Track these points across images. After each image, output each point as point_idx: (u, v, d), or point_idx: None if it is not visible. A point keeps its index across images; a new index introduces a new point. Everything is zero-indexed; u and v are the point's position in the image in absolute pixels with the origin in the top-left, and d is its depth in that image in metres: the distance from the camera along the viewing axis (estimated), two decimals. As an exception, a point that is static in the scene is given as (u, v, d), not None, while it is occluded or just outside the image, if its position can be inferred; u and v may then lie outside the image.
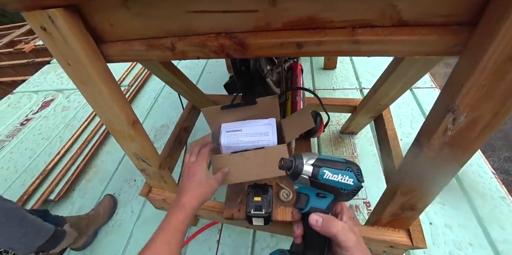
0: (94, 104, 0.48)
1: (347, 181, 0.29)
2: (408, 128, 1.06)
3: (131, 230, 0.91)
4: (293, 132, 0.48)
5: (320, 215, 0.28)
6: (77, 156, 1.20)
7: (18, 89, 1.97)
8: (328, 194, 0.29)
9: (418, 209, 0.43)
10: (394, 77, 0.58)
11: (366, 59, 1.49)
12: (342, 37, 0.33)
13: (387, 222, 0.49)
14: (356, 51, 0.35)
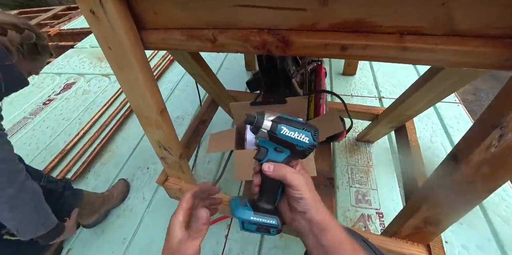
0: (127, 89, 0.49)
1: (303, 139, 0.31)
2: (427, 141, 1.03)
3: (142, 216, 0.93)
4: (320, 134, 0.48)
5: (272, 163, 0.32)
6: (94, 139, 1.24)
7: (43, 70, 2.04)
8: (285, 150, 0.32)
9: (442, 226, 0.42)
10: (427, 88, 0.56)
11: (388, 68, 1.46)
12: (389, 43, 0.33)
13: (407, 235, 0.48)
14: (401, 58, 0.34)
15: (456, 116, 1.11)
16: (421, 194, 0.44)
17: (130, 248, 0.86)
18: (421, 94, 0.58)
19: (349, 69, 1.45)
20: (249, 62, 1.56)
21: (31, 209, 0.57)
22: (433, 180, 0.42)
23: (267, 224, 0.33)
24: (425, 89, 0.57)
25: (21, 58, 0.58)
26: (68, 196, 0.76)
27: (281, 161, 0.33)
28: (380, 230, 0.77)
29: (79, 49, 2.23)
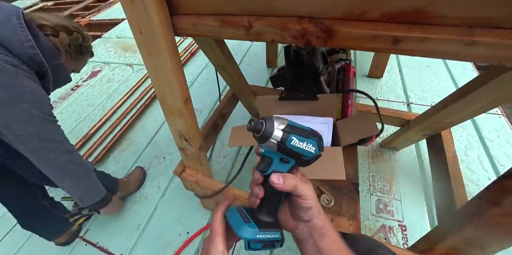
0: (154, 75, 0.48)
1: (310, 149, 0.30)
2: (461, 154, 0.94)
3: (156, 205, 0.94)
4: (351, 135, 0.44)
5: (280, 174, 0.30)
6: (115, 126, 1.27)
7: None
8: (291, 160, 0.30)
9: (489, 250, 0.37)
10: (476, 95, 0.50)
11: (418, 72, 1.37)
12: (453, 36, 0.28)
13: (441, 254, 0.43)
14: (465, 54, 0.30)
15: (497, 128, 1.01)
16: (466, 212, 0.39)
17: (144, 234, 0.87)
18: (468, 101, 0.52)
19: (376, 71, 1.37)
20: (271, 59, 1.52)
21: (89, 181, 0.68)
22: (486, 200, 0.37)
23: (272, 239, 0.30)
24: (475, 95, 0.51)
25: (68, 57, 0.64)
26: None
27: (285, 171, 0.31)
28: (402, 244, 0.71)
29: (106, 39, 2.31)
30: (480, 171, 0.88)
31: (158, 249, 0.83)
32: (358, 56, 1.56)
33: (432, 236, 0.49)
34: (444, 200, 0.58)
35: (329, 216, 0.53)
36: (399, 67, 1.42)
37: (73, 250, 0.88)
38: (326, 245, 0.29)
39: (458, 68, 1.35)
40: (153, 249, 0.83)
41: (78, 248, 0.88)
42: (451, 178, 0.58)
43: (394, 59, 1.47)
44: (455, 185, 0.56)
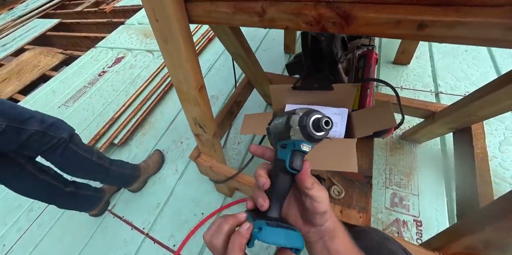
0: (170, 63, 0.49)
1: None
2: (495, 150, 0.87)
3: (173, 186, 1.01)
4: (367, 127, 0.42)
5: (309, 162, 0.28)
6: (137, 110, 1.34)
7: (99, 44, 2.23)
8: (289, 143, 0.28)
9: (511, 252, 0.35)
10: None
11: (453, 58, 1.22)
12: (493, 19, 0.25)
13: (455, 253, 0.42)
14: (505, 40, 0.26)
15: (541, 122, 0.91)
16: (490, 212, 0.37)
17: (163, 212, 0.95)
18: (509, 91, 0.46)
19: (403, 57, 1.25)
20: (289, 45, 1.46)
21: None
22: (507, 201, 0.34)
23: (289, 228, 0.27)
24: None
25: None
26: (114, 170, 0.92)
27: (288, 157, 0.28)
28: (416, 239, 0.70)
29: (128, 26, 2.36)
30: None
31: (175, 226, 0.90)
32: (384, 41, 1.43)
33: (448, 234, 0.47)
34: (467, 197, 0.55)
35: (339, 207, 0.53)
36: (430, 52, 1.29)
37: (103, 221, 0.99)
38: (337, 247, 0.28)
39: (505, 52, 1.19)
40: (171, 225, 0.91)
41: (107, 219, 0.99)
42: (477, 175, 0.54)
43: (425, 44, 1.33)
44: (481, 182, 0.53)
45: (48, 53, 2.50)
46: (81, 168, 0.81)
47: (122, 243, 0.91)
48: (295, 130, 0.25)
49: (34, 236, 1.02)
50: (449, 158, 0.87)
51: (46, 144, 0.68)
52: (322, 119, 0.24)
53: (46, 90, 1.82)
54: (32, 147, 0.66)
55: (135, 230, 0.93)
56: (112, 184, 0.99)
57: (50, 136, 0.68)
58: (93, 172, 0.85)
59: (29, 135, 0.63)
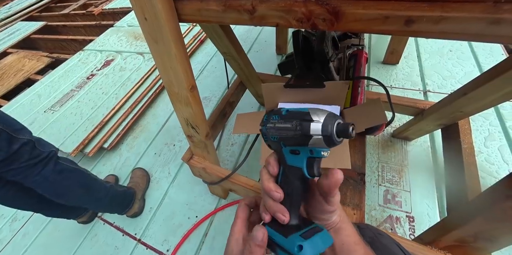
0: (160, 63, 0.48)
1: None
2: (481, 145, 0.89)
3: (166, 189, 0.99)
4: (358, 124, 0.43)
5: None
6: (128, 113, 1.31)
7: (87, 47, 2.18)
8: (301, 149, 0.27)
9: (498, 243, 0.36)
10: (506, 79, 0.46)
11: (439, 58, 1.27)
12: (475, 14, 0.26)
13: (447, 246, 0.43)
14: (487, 35, 0.27)
15: (522, 119, 0.94)
16: (478, 204, 0.37)
17: (155, 217, 0.93)
18: (494, 85, 0.48)
19: (392, 57, 1.29)
20: (281, 46, 1.48)
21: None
22: (500, 192, 0.35)
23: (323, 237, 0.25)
24: (503, 79, 0.47)
25: None
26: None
27: (304, 164, 0.27)
28: (409, 235, 0.71)
29: (118, 28, 2.33)
30: (499, 163, 0.84)
31: (169, 230, 0.88)
32: (373, 41, 1.47)
33: (439, 228, 0.48)
34: (455, 191, 0.56)
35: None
36: (418, 52, 1.33)
37: (93, 228, 0.95)
38: (342, 239, 0.28)
39: (486, 52, 1.24)
40: (164, 230, 0.88)
41: (97, 226, 0.95)
42: (465, 170, 0.55)
43: (412, 44, 1.38)
44: (469, 177, 0.54)
45: (33, 56, 2.43)
46: (79, 184, 0.73)
47: (113, 250, 0.88)
48: (317, 139, 0.23)
49: (18, 246, 0.97)
50: (439, 154, 0.89)
51: (35, 157, 0.62)
52: (348, 126, 0.23)
53: (31, 95, 1.76)
54: (22, 158, 0.60)
55: (126, 236, 0.90)
56: (111, 207, 0.87)
57: (39, 150, 0.63)
58: (92, 189, 0.77)
59: (21, 144, 0.59)
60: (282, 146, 0.27)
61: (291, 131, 0.25)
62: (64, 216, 0.86)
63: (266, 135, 0.28)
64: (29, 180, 0.62)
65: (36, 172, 0.62)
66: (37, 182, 0.63)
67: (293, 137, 0.25)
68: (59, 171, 0.67)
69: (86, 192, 0.75)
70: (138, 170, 1.05)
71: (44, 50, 2.72)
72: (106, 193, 0.81)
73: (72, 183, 0.71)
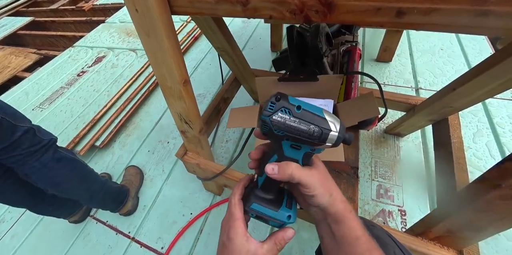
0: (152, 57, 0.48)
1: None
2: (469, 141, 0.92)
3: (160, 187, 0.98)
4: (351, 118, 0.43)
5: (275, 164, 0.28)
6: (120, 111, 1.29)
7: (77, 43, 2.13)
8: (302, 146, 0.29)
9: (487, 232, 0.37)
10: (492, 74, 0.47)
11: (430, 56, 1.30)
12: (463, 6, 0.26)
13: (436, 236, 0.44)
14: (474, 27, 0.27)
15: (510, 115, 0.97)
16: (466, 195, 0.38)
17: (149, 215, 0.92)
18: (482, 81, 0.49)
19: (385, 55, 1.31)
20: (275, 43, 1.48)
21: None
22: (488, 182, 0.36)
23: (265, 214, 0.30)
24: (490, 74, 0.48)
25: None
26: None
27: (300, 158, 0.30)
28: (401, 228, 0.73)
29: (109, 24, 2.28)
30: (487, 158, 0.86)
31: (163, 228, 0.87)
32: (367, 39, 1.49)
33: (429, 219, 0.49)
34: (445, 183, 0.57)
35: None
36: (410, 50, 1.35)
37: (85, 227, 0.93)
38: (342, 231, 0.27)
39: (475, 51, 1.27)
40: (158, 228, 0.88)
41: (90, 225, 0.94)
42: (454, 163, 0.57)
43: (405, 42, 1.40)
44: (458, 169, 0.55)
45: (20, 53, 2.35)
46: (76, 173, 0.72)
47: (106, 249, 0.86)
48: (326, 145, 0.26)
49: (7, 248, 0.94)
50: (430, 150, 0.91)
51: (36, 145, 0.62)
52: (353, 137, 0.27)
53: (18, 92, 1.71)
54: (23, 145, 0.60)
55: (120, 234, 0.89)
56: (104, 203, 0.85)
57: (39, 138, 0.63)
58: (88, 181, 0.76)
59: (23, 131, 0.59)
60: (284, 139, 0.27)
61: (305, 133, 0.25)
62: (56, 214, 0.84)
63: (268, 126, 0.27)
64: (27, 166, 0.62)
65: (35, 159, 0.62)
66: (35, 168, 0.63)
67: (305, 139, 0.26)
68: (57, 159, 0.67)
69: (82, 183, 0.74)
70: (131, 168, 1.03)
71: (32, 46, 2.64)
72: (101, 186, 0.80)
73: (69, 172, 0.71)
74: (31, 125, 0.63)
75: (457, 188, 0.52)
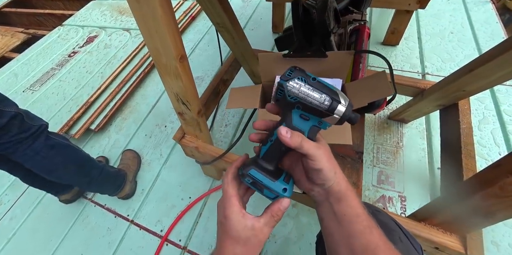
0: (144, 28, 0.43)
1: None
2: (474, 128, 0.89)
3: (159, 171, 0.97)
4: (361, 98, 0.40)
5: (289, 129, 0.28)
6: (115, 94, 1.24)
7: (67, 22, 2.00)
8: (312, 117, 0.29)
9: (495, 218, 0.36)
10: (507, 58, 0.43)
11: (439, 39, 1.23)
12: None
13: (440, 222, 0.43)
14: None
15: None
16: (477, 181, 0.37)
17: (148, 199, 0.91)
18: (502, 61, 0.45)
19: (392, 38, 1.24)
20: (277, 24, 1.40)
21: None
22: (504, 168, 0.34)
23: (261, 182, 0.30)
24: (507, 57, 0.45)
25: None
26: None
27: (307, 129, 0.30)
28: (400, 213, 0.73)
29: (100, 1, 2.14)
30: (491, 146, 0.85)
31: (162, 211, 0.87)
32: (374, 21, 1.41)
33: (433, 206, 0.48)
34: (451, 170, 0.56)
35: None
36: (419, 33, 1.29)
37: (84, 210, 0.93)
38: (343, 209, 0.28)
39: (487, 35, 1.21)
40: (157, 211, 0.87)
41: (88, 208, 0.93)
42: (462, 149, 0.55)
43: (414, 25, 1.33)
44: (466, 155, 0.54)
45: (6, 32, 2.22)
46: (72, 161, 0.70)
47: (105, 231, 0.87)
48: (333, 118, 0.27)
49: (6, 230, 0.94)
50: (433, 136, 0.89)
51: (25, 131, 0.59)
52: (359, 117, 0.28)
53: (7, 73, 1.63)
54: (11, 132, 0.56)
55: (119, 217, 0.89)
56: (103, 188, 0.84)
57: (28, 124, 0.60)
58: (86, 167, 0.74)
59: (9, 117, 0.55)
60: (295, 107, 0.28)
61: (316, 101, 0.27)
62: (46, 188, 0.81)
63: (283, 91, 0.28)
64: (19, 154, 0.60)
65: (26, 146, 0.59)
66: (27, 155, 0.60)
67: (315, 107, 0.27)
68: (51, 146, 0.64)
69: (79, 170, 0.72)
70: (128, 152, 1.01)
71: (19, 26, 2.49)
72: (99, 171, 0.78)
73: (65, 159, 0.68)
74: (18, 110, 0.58)
75: (464, 175, 0.51)
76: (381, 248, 0.26)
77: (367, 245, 0.26)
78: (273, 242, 0.75)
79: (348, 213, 0.27)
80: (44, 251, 0.86)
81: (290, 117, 0.29)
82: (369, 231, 0.27)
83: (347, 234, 0.27)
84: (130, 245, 0.82)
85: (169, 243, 0.80)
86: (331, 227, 0.29)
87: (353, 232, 0.27)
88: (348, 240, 0.27)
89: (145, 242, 0.81)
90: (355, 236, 0.26)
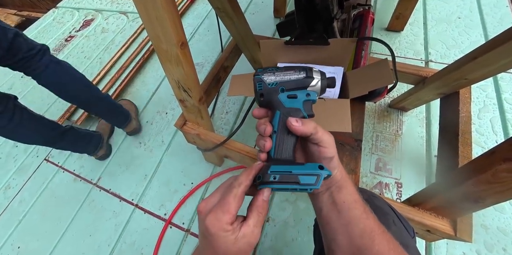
0: (144, 12, 0.42)
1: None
2: (474, 117, 0.90)
3: (161, 158, 0.99)
4: (362, 86, 0.40)
5: (297, 118, 0.29)
6: (114, 80, 1.23)
7: (61, 4, 1.93)
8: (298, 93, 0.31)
9: (485, 203, 0.38)
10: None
11: (445, 25, 1.19)
12: None
13: (433, 207, 0.45)
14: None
15: (521, 91, 0.94)
16: (471, 167, 0.38)
17: (151, 184, 0.94)
18: (507, 49, 0.45)
19: (397, 23, 1.20)
20: (279, 8, 1.34)
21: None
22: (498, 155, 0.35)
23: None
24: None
25: None
26: None
27: (301, 107, 0.31)
28: (396, 199, 0.75)
29: (96, -18, 2.04)
30: (489, 134, 0.86)
31: (165, 196, 0.90)
32: (378, 5, 1.35)
33: (427, 192, 0.50)
34: (447, 156, 0.57)
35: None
36: (425, 19, 1.24)
37: (90, 194, 0.97)
38: (343, 196, 0.28)
39: (495, 20, 1.17)
40: (160, 196, 0.91)
41: (93, 192, 0.97)
42: (459, 137, 0.56)
43: (420, 9, 1.28)
44: (462, 143, 0.55)
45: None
46: (77, 75, 0.79)
47: (111, 214, 0.90)
48: (316, 84, 0.29)
49: (16, 212, 0.99)
50: (433, 124, 0.90)
51: (33, 49, 0.68)
52: (335, 79, 0.30)
53: (4, 58, 1.60)
54: (22, 48, 0.65)
55: (123, 201, 0.92)
56: (111, 117, 0.95)
57: (31, 42, 0.69)
58: (92, 87, 0.84)
59: (13, 34, 0.63)
60: (279, 92, 0.29)
61: (294, 75, 0.29)
62: (80, 149, 0.91)
63: (263, 82, 0.30)
64: (33, 68, 0.70)
65: (37, 60, 0.69)
66: (39, 69, 0.70)
67: (296, 80, 0.29)
68: (56, 62, 0.74)
69: (85, 86, 0.82)
70: (123, 102, 1.09)
71: (11, 7, 2.40)
72: (101, 95, 0.88)
73: (71, 73, 0.78)
74: (15, 29, 0.65)
75: (459, 162, 0.52)
76: (376, 231, 0.27)
77: (364, 229, 0.26)
78: (273, 226, 0.78)
79: (347, 199, 0.28)
80: (54, 232, 0.91)
81: (280, 103, 0.29)
82: (366, 216, 0.27)
83: (347, 221, 0.27)
84: (136, 227, 0.86)
85: (173, 226, 0.84)
86: (330, 216, 0.28)
87: (352, 218, 0.27)
88: (347, 227, 0.27)
89: (150, 225, 0.85)
90: (353, 222, 0.27)
